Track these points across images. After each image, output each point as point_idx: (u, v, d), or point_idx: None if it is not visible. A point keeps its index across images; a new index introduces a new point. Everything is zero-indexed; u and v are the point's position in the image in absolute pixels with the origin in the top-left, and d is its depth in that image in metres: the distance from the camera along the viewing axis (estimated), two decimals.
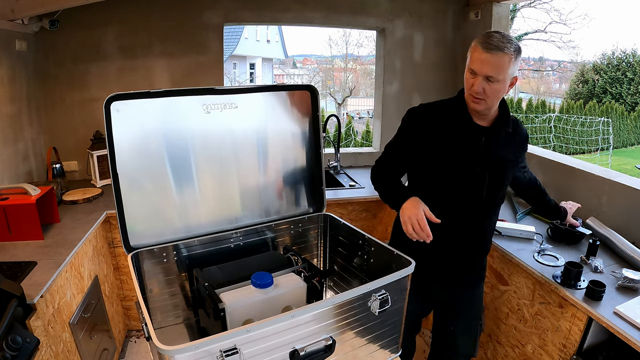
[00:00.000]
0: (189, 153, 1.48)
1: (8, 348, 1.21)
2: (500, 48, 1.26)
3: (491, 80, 1.29)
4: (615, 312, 1.36)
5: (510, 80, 1.33)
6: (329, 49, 16.07)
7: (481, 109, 1.37)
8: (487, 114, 1.41)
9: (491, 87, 1.30)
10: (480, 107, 1.36)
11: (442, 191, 1.45)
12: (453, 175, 1.43)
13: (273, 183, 1.67)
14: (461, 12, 3.09)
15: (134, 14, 2.67)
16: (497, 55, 1.26)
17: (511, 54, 1.27)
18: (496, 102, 1.37)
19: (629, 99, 13.91)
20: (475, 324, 1.65)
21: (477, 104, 1.36)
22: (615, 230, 1.87)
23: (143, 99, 1.36)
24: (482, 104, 1.35)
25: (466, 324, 1.64)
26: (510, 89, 1.36)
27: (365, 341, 1.24)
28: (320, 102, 1.71)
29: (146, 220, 1.44)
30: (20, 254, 1.73)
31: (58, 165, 2.52)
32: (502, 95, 1.36)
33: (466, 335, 1.65)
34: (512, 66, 1.29)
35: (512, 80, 1.34)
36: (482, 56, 1.28)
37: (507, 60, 1.27)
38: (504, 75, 1.29)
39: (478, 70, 1.30)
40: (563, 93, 16.70)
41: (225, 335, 0.96)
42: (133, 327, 2.56)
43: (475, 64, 1.30)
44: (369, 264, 1.52)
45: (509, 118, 1.44)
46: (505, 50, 1.26)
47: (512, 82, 1.34)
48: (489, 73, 1.28)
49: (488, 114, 1.41)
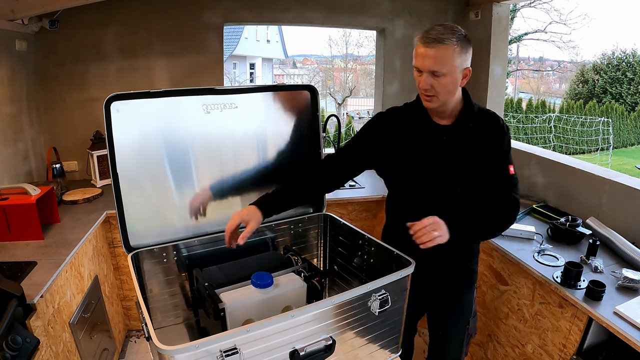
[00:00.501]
0: (188, 153, 1.48)
1: (8, 348, 1.21)
2: (439, 40, 1.21)
3: (437, 75, 1.24)
4: (615, 312, 1.36)
5: (461, 73, 1.27)
6: (329, 49, 16.10)
7: (435, 106, 1.31)
8: (446, 111, 1.35)
9: (438, 82, 1.25)
10: (433, 105, 1.31)
11: (413, 194, 1.42)
12: (420, 178, 1.39)
13: (273, 183, 1.67)
14: (461, 12, 3.09)
15: (134, 14, 2.67)
16: (437, 48, 1.21)
17: (454, 45, 1.21)
18: (450, 97, 1.30)
19: (629, 99, 13.91)
20: (463, 330, 1.61)
21: (429, 102, 1.31)
22: (615, 230, 1.87)
23: (143, 99, 1.36)
24: (434, 100, 1.29)
25: (454, 328, 1.61)
26: (464, 82, 1.30)
27: (365, 341, 1.24)
28: (320, 102, 1.71)
29: (146, 220, 1.44)
30: (20, 254, 1.72)
31: (58, 165, 2.52)
32: (454, 89, 1.29)
33: (454, 340, 1.62)
34: (458, 57, 1.23)
35: (465, 72, 1.28)
36: (423, 51, 1.24)
37: (451, 51, 1.21)
38: (450, 68, 1.23)
39: (421, 66, 1.25)
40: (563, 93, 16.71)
41: (226, 335, 0.96)
42: (133, 327, 2.56)
43: (418, 60, 1.26)
44: (369, 264, 1.52)
45: (471, 113, 1.36)
46: (446, 42, 1.21)
47: (465, 74, 1.28)
48: (431, 67, 1.23)
49: (446, 110, 1.34)
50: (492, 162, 1.35)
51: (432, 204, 1.38)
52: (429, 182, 1.38)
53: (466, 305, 1.59)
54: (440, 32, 1.22)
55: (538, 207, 2.26)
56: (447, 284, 1.54)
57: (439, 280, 1.52)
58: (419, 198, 1.42)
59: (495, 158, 1.35)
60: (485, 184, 1.36)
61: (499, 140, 1.36)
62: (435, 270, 1.48)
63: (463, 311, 1.59)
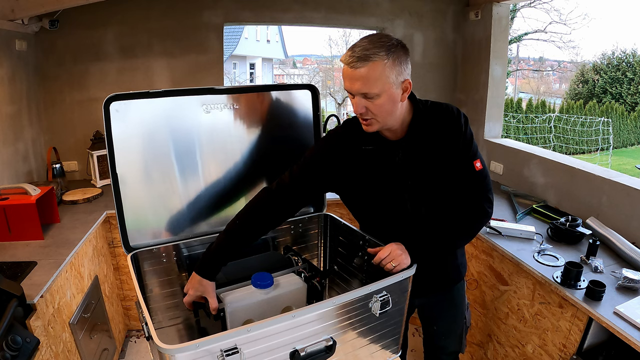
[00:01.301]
0: (188, 153, 1.47)
1: (8, 348, 1.21)
2: (364, 58, 1.07)
3: (369, 97, 1.11)
4: (615, 312, 1.36)
5: (399, 88, 1.13)
6: (329, 49, 16.11)
7: (375, 129, 1.18)
8: (393, 127, 1.22)
9: (373, 104, 1.12)
10: (373, 129, 1.18)
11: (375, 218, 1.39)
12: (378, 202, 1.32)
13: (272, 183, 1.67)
14: (461, 12, 3.09)
15: (134, 14, 2.67)
16: (364, 67, 1.07)
17: (384, 60, 1.07)
18: (390, 118, 1.16)
19: (629, 99, 13.91)
20: (459, 322, 1.60)
21: (368, 126, 1.18)
22: (615, 230, 1.87)
23: (142, 99, 1.36)
24: (372, 123, 1.17)
25: (449, 324, 1.60)
26: (405, 97, 1.16)
27: (366, 342, 1.24)
28: (321, 102, 1.71)
29: (146, 220, 1.44)
30: (20, 254, 1.72)
31: (58, 165, 2.52)
32: (394, 107, 1.15)
33: (451, 335, 1.62)
34: (391, 73, 1.09)
35: (404, 86, 1.14)
36: (349, 72, 1.10)
37: (380, 68, 1.07)
38: (383, 87, 1.09)
39: (349, 89, 1.13)
40: (563, 93, 16.71)
41: (226, 335, 0.96)
42: (133, 327, 2.56)
43: (345, 83, 1.13)
44: (369, 265, 1.51)
45: (420, 120, 1.24)
46: (373, 58, 1.06)
47: (405, 88, 1.14)
48: (362, 90, 1.10)
49: (392, 127, 1.22)
50: (454, 162, 1.25)
51: (396, 227, 1.34)
52: (389, 205, 1.31)
53: (457, 298, 1.56)
54: (365, 47, 1.08)
55: (538, 207, 2.26)
56: (433, 281, 1.48)
57: (420, 284, 1.35)
58: (381, 222, 1.38)
59: (457, 157, 1.24)
60: (452, 188, 1.27)
61: (456, 135, 1.24)
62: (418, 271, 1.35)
63: (456, 305, 1.57)
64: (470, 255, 2.13)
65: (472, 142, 1.27)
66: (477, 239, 2.04)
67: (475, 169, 1.26)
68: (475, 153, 1.27)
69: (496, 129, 2.98)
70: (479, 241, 2.04)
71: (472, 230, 1.31)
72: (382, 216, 1.37)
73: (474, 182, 1.27)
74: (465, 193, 1.27)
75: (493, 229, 1.98)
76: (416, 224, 1.31)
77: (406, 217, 1.32)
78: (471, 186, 1.27)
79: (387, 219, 1.36)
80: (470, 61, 3.02)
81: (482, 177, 1.27)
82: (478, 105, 2.95)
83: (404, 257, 1.24)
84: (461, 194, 1.27)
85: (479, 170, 1.26)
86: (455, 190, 1.27)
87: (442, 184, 1.27)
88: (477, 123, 2.98)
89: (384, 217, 1.37)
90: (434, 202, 1.30)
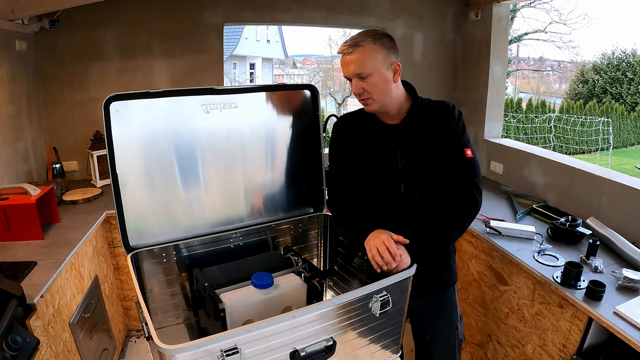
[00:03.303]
0: (188, 153, 1.48)
1: (8, 348, 1.21)
2: (355, 45, 1.26)
3: (363, 77, 1.28)
4: (615, 312, 1.36)
5: (390, 69, 1.29)
6: (329, 49, 16.07)
7: (375, 108, 1.33)
8: (391, 111, 1.36)
9: (367, 83, 1.28)
10: (373, 108, 1.33)
11: (375, 198, 1.43)
12: (374, 182, 1.41)
13: (273, 183, 1.67)
14: (461, 12, 3.09)
15: (134, 14, 2.67)
16: (355, 51, 1.26)
17: (371, 44, 1.25)
18: (386, 96, 1.32)
19: (629, 99, 13.91)
20: (451, 332, 1.56)
21: (367, 105, 1.34)
22: (615, 230, 1.87)
23: (142, 99, 1.36)
24: (371, 103, 1.32)
25: (442, 334, 1.56)
26: (397, 78, 1.32)
27: (366, 342, 1.24)
28: (320, 101, 1.71)
29: (146, 220, 1.44)
30: (20, 254, 1.72)
31: (58, 165, 2.52)
32: (387, 86, 1.30)
33: (443, 346, 1.58)
34: (379, 54, 1.26)
35: (394, 68, 1.30)
36: (344, 59, 1.28)
37: (369, 51, 1.25)
38: (373, 66, 1.26)
39: (346, 73, 1.30)
40: (563, 93, 16.70)
41: (226, 335, 0.96)
42: (133, 327, 2.56)
43: (343, 70, 1.31)
44: (369, 264, 1.51)
45: (417, 108, 1.37)
46: (362, 44, 1.25)
47: (395, 70, 1.30)
48: (356, 71, 1.27)
49: (391, 110, 1.36)
50: (446, 148, 1.34)
51: (391, 211, 1.40)
52: (383, 186, 1.40)
53: (448, 305, 1.54)
54: (355, 37, 1.27)
55: (538, 207, 2.26)
56: (424, 281, 1.42)
57: (414, 280, 1.36)
58: (377, 205, 1.42)
59: (449, 142, 1.34)
60: (444, 172, 1.35)
61: (448, 124, 1.35)
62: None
63: (447, 312, 1.54)
64: (470, 256, 2.13)
65: (465, 133, 1.37)
66: (477, 239, 2.04)
67: (465, 156, 1.34)
68: (466, 142, 1.36)
69: (496, 129, 2.98)
70: (479, 241, 2.04)
71: (463, 220, 1.35)
72: (378, 199, 1.43)
73: (464, 167, 1.34)
74: (454, 178, 1.34)
75: (493, 229, 1.98)
76: (410, 209, 1.38)
77: (400, 200, 1.39)
78: (461, 171, 1.34)
79: (382, 202, 1.42)
80: (470, 61, 3.03)
81: (471, 164, 1.35)
82: (478, 105, 2.95)
83: (404, 257, 1.26)
84: (451, 178, 1.35)
85: (469, 158, 1.35)
86: (446, 175, 1.35)
87: (434, 167, 1.36)
88: (477, 123, 2.98)
89: (379, 200, 1.42)
90: (427, 186, 1.38)
